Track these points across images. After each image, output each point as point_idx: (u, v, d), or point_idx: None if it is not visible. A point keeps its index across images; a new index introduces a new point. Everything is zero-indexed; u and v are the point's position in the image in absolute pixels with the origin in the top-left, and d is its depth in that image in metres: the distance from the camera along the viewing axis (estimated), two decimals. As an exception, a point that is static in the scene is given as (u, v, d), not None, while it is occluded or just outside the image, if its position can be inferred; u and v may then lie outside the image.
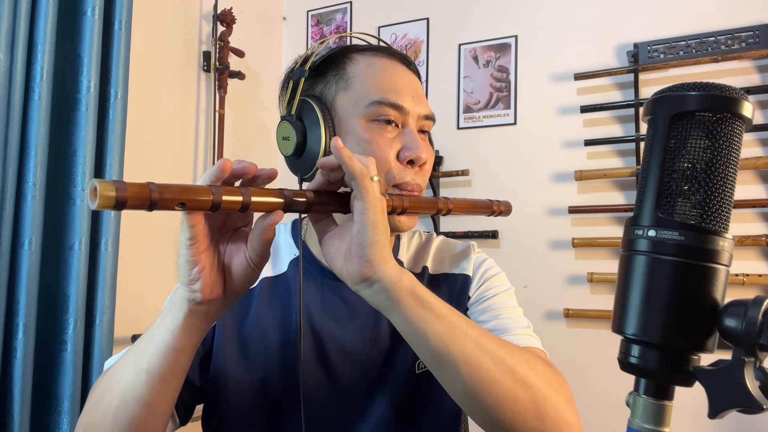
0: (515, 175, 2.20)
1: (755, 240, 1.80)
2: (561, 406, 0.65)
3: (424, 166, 0.77)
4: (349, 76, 0.76)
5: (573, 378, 2.04)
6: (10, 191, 1.49)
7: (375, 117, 0.74)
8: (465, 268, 0.88)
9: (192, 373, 0.78)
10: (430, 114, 0.79)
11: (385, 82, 0.75)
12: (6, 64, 1.46)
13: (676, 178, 0.43)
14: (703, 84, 0.42)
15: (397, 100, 0.74)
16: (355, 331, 0.81)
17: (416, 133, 0.76)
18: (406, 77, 0.78)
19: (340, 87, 0.76)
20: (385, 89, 0.75)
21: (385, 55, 0.79)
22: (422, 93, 0.79)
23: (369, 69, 0.76)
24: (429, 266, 0.88)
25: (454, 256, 0.90)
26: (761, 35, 1.86)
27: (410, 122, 0.76)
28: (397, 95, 0.74)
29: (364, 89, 0.75)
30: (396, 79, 0.76)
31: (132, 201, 0.48)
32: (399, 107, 0.74)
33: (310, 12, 2.68)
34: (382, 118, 0.74)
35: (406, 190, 0.75)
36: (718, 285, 0.42)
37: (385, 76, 0.76)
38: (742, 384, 0.38)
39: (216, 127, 2.27)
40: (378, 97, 0.74)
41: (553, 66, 2.17)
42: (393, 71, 0.77)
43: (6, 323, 1.50)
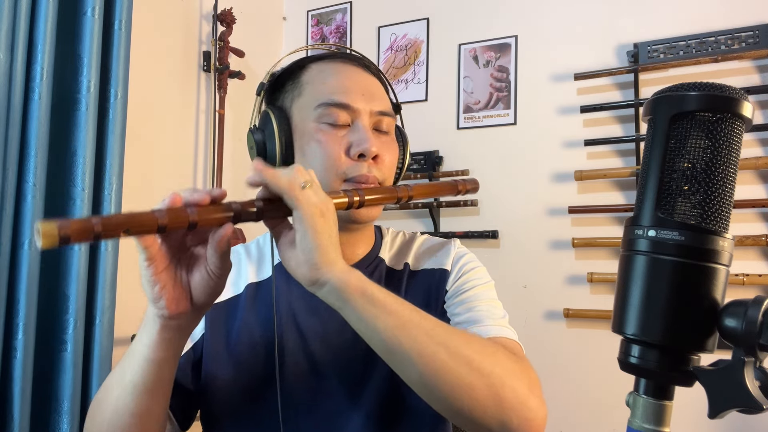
0: (515, 175, 2.20)
1: (755, 240, 1.80)
2: (521, 392, 0.65)
3: (382, 160, 0.79)
4: (302, 84, 0.81)
5: (573, 378, 2.05)
6: (10, 191, 1.49)
7: (324, 119, 0.78)
8: (443, 262, 0.89)
9: (185, 378, 0.80)
10: (386, 110, 0.81)
11: (333, 85, 0.79)
12: (6, 64, 1.46)
13: (676, 178, 0.43)
14: (703, 84, 0.42)
15: (344, 100, 0.77)
16: (338, 330, 0.82)
17: (367, 128, 0.78)
18: (356, 77, 0.81)
19: (295, 95, 0.81)
20: (332, 91, 0.78)
21: (338, 60, 0.82)
22: (377, 91, 0.82)
23: (320, 74, 0.81)
24: (410, 263, 0.89)
25: (434, 251, 0.91)
26: (761, 35, 1.86)
27: (361, 119, 0.78)
28: (343, 95, 0.78)
29: (313, 93, 0.79)
30: (344, 80, 0.79)
31: (75, 236, 0.51)
32: (346, 106, 0.78)
33: (310, 12, 2.69)
34: (330, 118, 0.78)
35: (361, 183, 0.77)
36: (718, 285, 0.42)
37: (333, 79, 0.79)
38: (742, 384, 0.39)
39: (216, 127, 2.27)
40: (325, 99, 0.78)
41: (553, 66, 2.17)
42: (343, 73, 0.80)
43: (6, 323, 1.50)
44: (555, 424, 2.05)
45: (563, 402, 2.04)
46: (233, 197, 0.62)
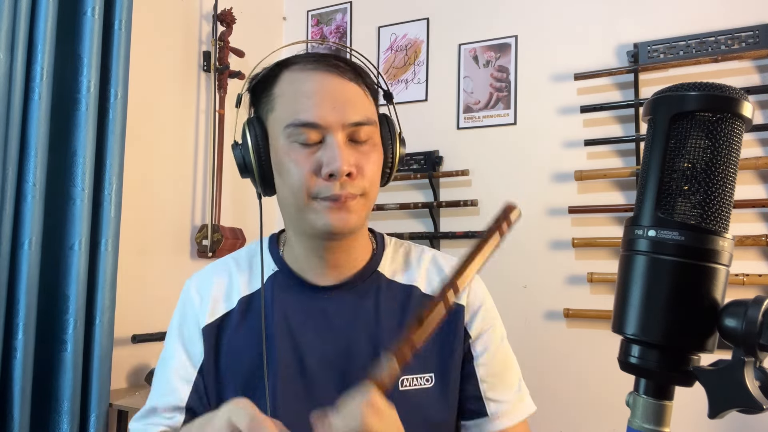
0: (515, 175, 2.20)
1: (755, 240, 1.80)
2: None
3: (360, 172, 0.75)
4: (273, 97, 0.77)
5: (573, 378, 2.05)
6: (10, 191, 1.49)
7: (293, 138, 0.74)
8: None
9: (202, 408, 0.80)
10: (362, 119, 0.75)
11: (300, 101, 0.74)
12: (6, 64, 1.46)
13: (676, 178, 0.43)
14: (703, 84, 0.42)
15: (311, 119, 0.73)
16: (333, 343, 0.80)
17: (338, 145, 0.73)
18: (328, 87, 0.75)
19: (269, 108, 0.78)
20: (300, 109, 0.74)
21: (309, 68, 0.76)
22: (353, 98, 0.75)
23: (289, 87, 0.76)
24: (419, 286, 0.86)
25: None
26: (761, 35, 1.86)
27: (332, 134, 0.73)
28: (311, 112, 0.73)
29: (282, 111, 0.75)
30: (313, 94, 0.74)
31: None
32: (312, 125, 0.73)
33: (310, 12, 2.69)
34: (300, 138, 0.74)
35: (336, 202, 0.73)
36: (718, 285, 0.42)
37: (300, 95, 0.74)
38: (742, 384, 0.38)
39: (216, 127, 2.27)
40: (291, 120, 0.74)
41: (553, 66, 2.17)
42: (313, 84, 0.75)
43: (6, 323, 1.50)
44: (555, 424, 2.05)
45: (563, 402, 2.04)
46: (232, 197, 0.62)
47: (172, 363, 0.81)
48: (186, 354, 0.81)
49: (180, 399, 0.79)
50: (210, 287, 0.84)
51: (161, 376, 0.82)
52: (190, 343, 0.82)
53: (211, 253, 2.17)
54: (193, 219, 2.24)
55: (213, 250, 2.17)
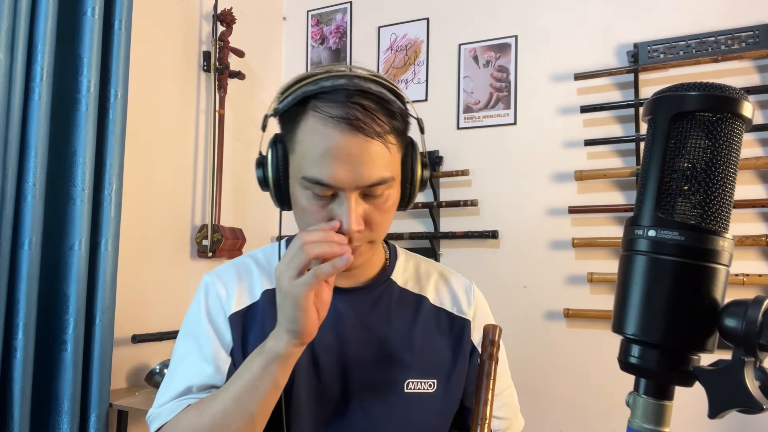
0: (515, 175, 2.20)
1: (755, 240, 1.80)
2: None
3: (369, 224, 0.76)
4: (296, 140, 0.75)
5: (573, 378, 2.05)
6: (10, 191, 1.49)
7: (308, 188, 0.74)
8: (464, 311, 0.92)
9: None
10: (377, 180, 0.73)
11: (316, 159, 0.72)
12: (6, 64, 1.46)
13: (676, 178, 0.43)
14: (703, 84, 0.42)
15: (324, 178, 0.72)
16: (347, 342, 0.84)
17: (351, 205, 0.73)
18: (346, 147, 0.71)
19: (290, 146, 0.77)
20: (315, 164, 0.72)
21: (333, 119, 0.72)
22: (373, 158, 0.73)
23: (310, 137, 0.73)
24: (429, 297, 0.91)
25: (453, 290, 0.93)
26: (761, 35, 1.86)
27: (345, 193, 0.73)
28: (326, 174, 0.72)
29: (301, 160, 0.74)
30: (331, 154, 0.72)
31: None
32: (326, 185, 0.72)
33: (310, 12, 2.69)
34: (314, 190, 0.74)
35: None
36: (718, 285, 0.42)
37: (318, 152, 0.72)
38: (742, 384, 0.38)
39: (216, 127, 2.27)
40: (305, 173, 0.73)
41: (553, 66, 2.17)
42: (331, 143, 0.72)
43: (6, 323, 1.50)
44: (555, 424, 2.05)
45: (563, 402, 2.04)
46: (232, 197, 0.63)
47: (209, 345, 0.82)
48: (220, 341, 0.83)
49: (220, 380, 0.80)
50: (232, 280, 0.87)
51: (193, 358, 0.82)
52: (221, 331, 0.83)
53: (211, 253, 2.17)
54: (193, 219, 2.24)
55: (213, 250, 2.17)
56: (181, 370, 0.82)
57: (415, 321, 0.87)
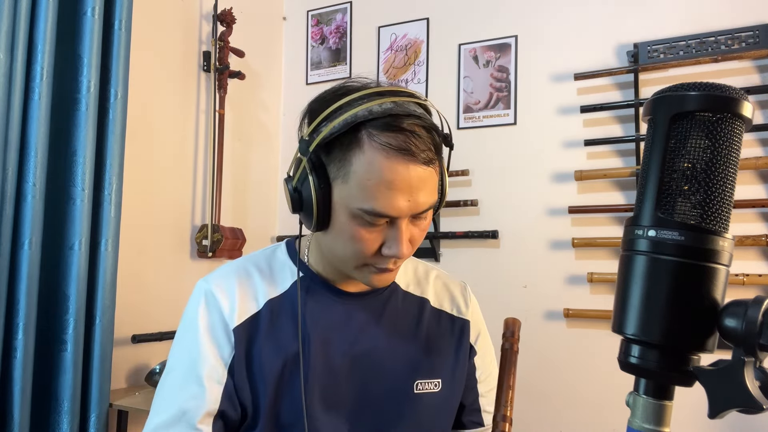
0: (515, 175, 2.20)
1: (755, 240, 1.80)
2: None
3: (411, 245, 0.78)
4: (350, 170, 0.72)
5: (573, 378, 2.05)
6: (10, 191, 1.49)
7: (362, 218, 0.73)
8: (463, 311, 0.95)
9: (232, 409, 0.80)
10: (430, 205, 0.76)
11: (380, 191, 0.71)
12: (6, 64, 1.46)
13: (676, 178, 0.43)
14: (703, 84, 0.42)
15: (387, 211, 0.72)
16: (358, 345, 0.84)
17: (403, 231, 0.74)
18: (407, 177, 0.71)
19: (341, 174, 0.73)
20: (378, 197, 0.71)
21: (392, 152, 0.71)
22: (427, 185, 0.74)
23: (369, 169, 0.71)
24: (430, 299, 0.93)
25: (451, 293, 0.96)
26: (761, 35, 1.86)
27: (399, 220, 0.74)
28: (388, 206, 0.72)
29: (358, 191, 0.72)
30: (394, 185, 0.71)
31: None
32: (388, 216, 0.73)
33: (310, 12, 2.69)
34: (369, 220, 0.73)
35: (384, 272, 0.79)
36: (718, 285, 0.42)
37: (381, 184, 0.71)
38: (742, 384, 0.38)
39: (216, 127, 2.27)
40: (368, 207, 0.72)
41: (553, 66, 2.17)
42: (394, 175, 0.71)
43: (6, 323, 1.50)
44: (555, 424, 2.05)
45: (563, 402, 2.04)
46: (232, 197, 0.63)
47: (203, 363, 0.79)
48: (216, 355, 0.80)
49: (213, 400, 0.78)
50: (234, 288, 0.83)
51: (188, 376, 0.79)
52: (219, 344, 0.80)
53: (211, 253, 2.17)
54: (193, 219, 2.24)
55: (213, 250, 2.17)
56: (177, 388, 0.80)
57: (420, 323, 0.89)
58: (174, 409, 0.78)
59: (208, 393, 0.78)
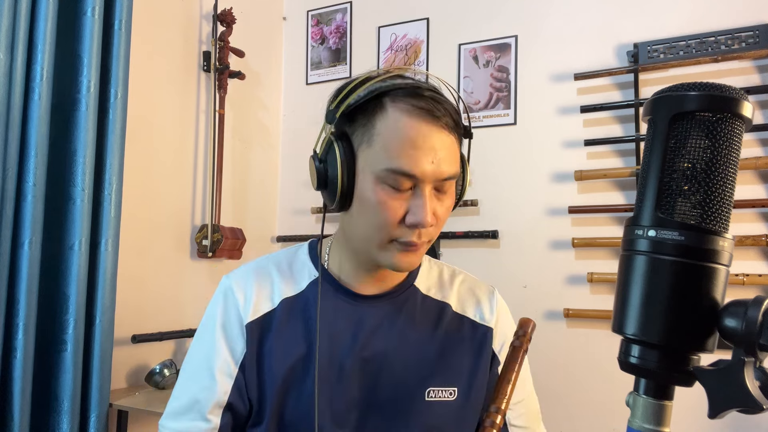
0: (515, 175, 2.20)
1: (755, 240, 1.80)
2: None
3: (436, 219, 0.77)
4: (373, 133, 0.75)
5: (573, 378, 2.05)
6: (10, 191, 1.49)
7: (387, 181, 0.74)
8: (487, 318, 0.92)
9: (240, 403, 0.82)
10: (453, 174, 0.76)
11: (404, 149, 0.73)
12: (6, 64, 1.46)
13: (676, 178, 0.43)
14: (703, 84, 0.42)
15: (412, 170, 0.73)
16: (370, 349, 0.84)
17: (427, 197, 0.74)
18: (431, 140, 0.74)
19: (365, 140, 0.76)
20: (401, 156, 0.73)
21: (416, 111, 0.74)
22: (449, 153, 0.76)
23: (393, 129, 0.74)
24: (452, 304, 0.91)
25: (477, 297, 0.93)
26: (761, 35, 1.86)
27: (424, 186, 0.74)
28: (412, 164, 0.73)
29: (382, 152, 0.74)
30: (416, 146, 0.73)
31: None
32: (412, 176, 0.73)
33: (310, 12, 2.69)
34: (393, 183, 0.74)
35: (409, 247, 0.77)
36: (718, 285, 0.42)
37: (405, 142, 0.73)
38: (742, 384, 0.38)
39: (216, 127, 2.27)
40: (392, 166, 0.73)
41: (553, 66, 2.17)
42: (417, 136, 0.73)
43: (6, 323, 1.50)
44: (555, 424, 2.05)
45: (563, 402, 2.04)
46: (232, 197, 0.63)
47: (216, 357, 0.82)
48: (229, 350, 0.82)
49: (223, 392, 0.81)
50: (252, 286, 0.86)
51: (202, 367, 0.83)
52: (233, 339, 0.83)
53: (211, 253, 2.17)
54: (193, 219, 2.24)
55: (213, 250, 2.17)
56: (191, 378, 0.84)
57: (438, 328, 0.87)
58: (187, 397, 0.82)
59: (218, 386, 0.81)
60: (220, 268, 2.31)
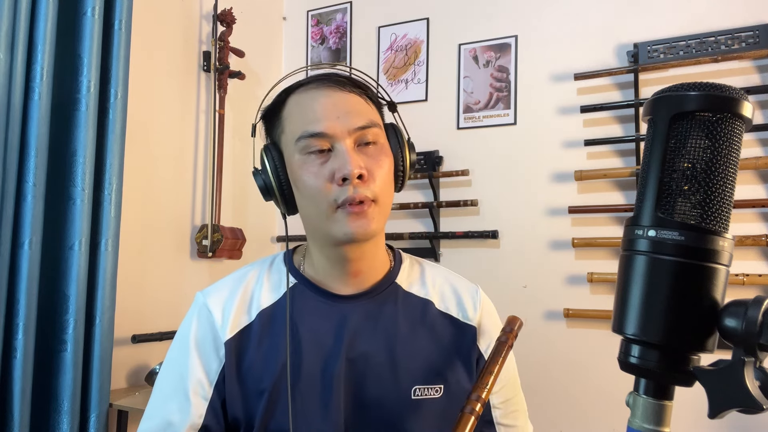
0: (515, 175, 2.20)
1: (755, 240, 1.80)
2: None
3: (370, 176, 0.78)
4: (282, 120, 0.83)
5: (573, 378, 2.05)
6: (10, 191, 1.49)
7: (305, 150, 0.79)
8: (470, 317, 0.90)
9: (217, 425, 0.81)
10: (366, 123, 0.79)
11: (307, 115, 0.79)
12: (6, 64, 1.46)
13: (676, 178, 0.43)
14: (703, 84, 0.42)
15: (318, 128, 0.78)
16: (354, 349, 0.83)
17: (347, 150, 0.77)
18: (330, 99, 0.80)
19: (280, 131, 0.84)
20: (307, 122, 0.79)
21: (312, 86, 0.82)
22: (355, 106, 0.80)
23: (296, 107, 0.82)
24: (434, 301, 0.89)
25: (459, 295, 0.92)
26: (761, 35, 1.86)
27: (341, 142, 0.78)
28: (317, 123, 0.78)
29: (292, 128, 0.81)
30: (318, 108, 0.79)
31: None
32: (320, 134, 0.78)
33: (310, 12, 2.69)
34: (311, 148, 0.78)
35: (352, 205, 0.77)
36: (718, 285, 0.42)
37: (307, 110, 0.80)
38: (742, 384, 0.38)
39: (216, 127, 2.27)
40: (301, 132, 0.79)
41: (553, 66, 2.17)
42: (316, 100, 0.80)
43: (6, 323, 1.50)
44: (555, 424, 2.05)
45: (563, 402, 2.04)
46: (232, 197, 0.63)
47: (190, 377, 0.81)
48: (204, 370, 0.81)
49: (198, 415, 0.80)
50: (228, 301, 0.85)
51: (177, 388, 0.81)
52: (207, 358, 0.82)
53: (211, 253, 2.17)
54: (193, 219, 2.24)
55: (213, 250, 2.17)
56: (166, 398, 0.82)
57: (421, 325, 0.86)
58: (160, 418, 0.81)
59: (193, 408, 0.80)
60: (220, 268, 2.31)
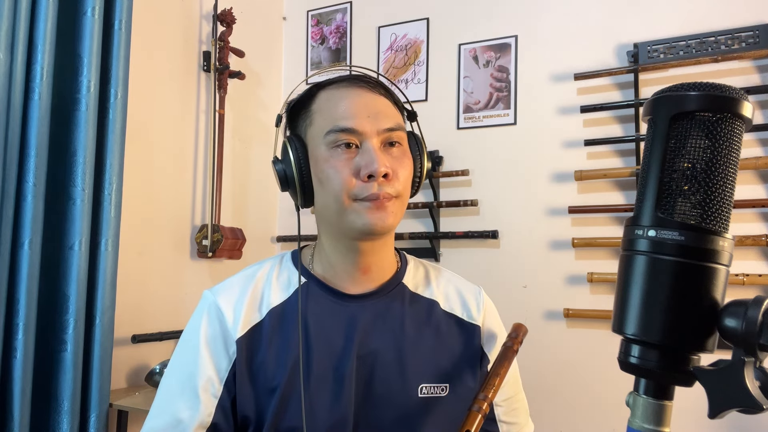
0: (515, 175, 2.20)
1: (755, 240, 1.80)
2: None
3: (395, 175, 0.81)
4: (312, 113, 0.85)
5: (573, 378, 2.05)
6: (10, 191, 1.49)
7: (333, 144, 0.80)
8: (474, 316, 0.92)
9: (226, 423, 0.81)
10: (394, 126, 0.82)
11: (339, 111, 0.81)
12: (6, 64, 1.46)
13: (676, 178, 0.43)
14: (703, 84, 0.42)
15: (349, 124, 0.80)
16: (363, 347, 0.84)
17: (374, 149, 0.80)
18: (362, 99, 0.83)
19: (307, 123, 0.85)
20: (339, 117, 0.81)
21: (344, 85, 0.85)
22: (384, 109, 0.83)
23: (327, 102, 0.83)
24: (440, 302, 0.91)
25: (463, 296, 0.94)
26: (761, 35, 1.86)
27: (369, 140, 0.80)
28: (349, 120, 0.80)
29: (322, 121, 0.82)
30: (350, 104, 0.82)
31: None
32: (351, 130, 0.80)
33: (310, 12, 2.68)
34: (339, 143, 0.80)
35: (373, 201, 0.79)
36: (718, 285, 0.42)
37: (339, 105, 0.82)
38: (742, 384, 0.38)
39: (216, 127, 2.27)
40: (332, 126, 0.81)
41: (553, 66, 2.17)
42: (349, 98, 0.83)
43: (6, 323, 1.50)
44: (555, 424, 2.05)
45: (563, 402, 2.04)
46: (232, 197, 0.63)
47: (199, 375, 0.81)
48: (213, 368, 0.81)
49: (207, 414, 0.80)
50: (238, 299, 0.85)
51: (186, 386, 0.81)
52: (217, 356, 0.82)
53: (211, 253, 2.17)
54: (193, 219, 2.24)
55: (213, 250, 2.17)
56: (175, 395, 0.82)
57: (427, 325, 0.88)
58: (169, 416, 0.80)
59: (202, 406, 0.80)
60: (220, 268, 2.31)
